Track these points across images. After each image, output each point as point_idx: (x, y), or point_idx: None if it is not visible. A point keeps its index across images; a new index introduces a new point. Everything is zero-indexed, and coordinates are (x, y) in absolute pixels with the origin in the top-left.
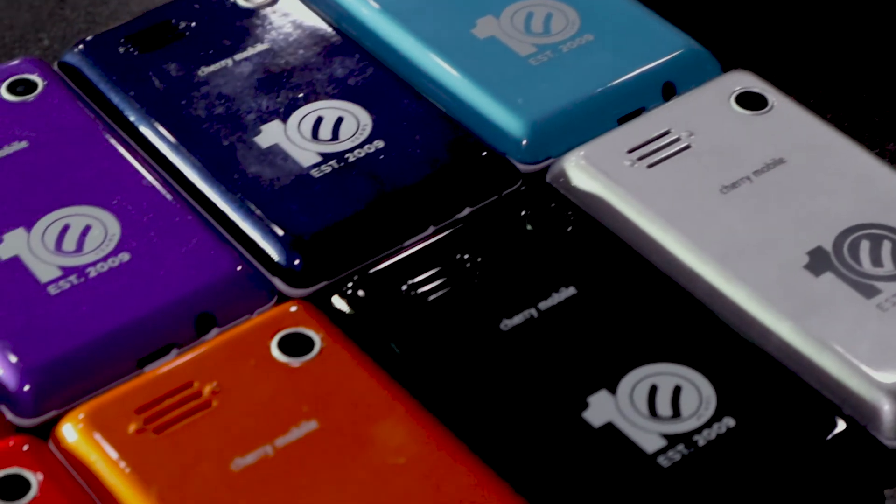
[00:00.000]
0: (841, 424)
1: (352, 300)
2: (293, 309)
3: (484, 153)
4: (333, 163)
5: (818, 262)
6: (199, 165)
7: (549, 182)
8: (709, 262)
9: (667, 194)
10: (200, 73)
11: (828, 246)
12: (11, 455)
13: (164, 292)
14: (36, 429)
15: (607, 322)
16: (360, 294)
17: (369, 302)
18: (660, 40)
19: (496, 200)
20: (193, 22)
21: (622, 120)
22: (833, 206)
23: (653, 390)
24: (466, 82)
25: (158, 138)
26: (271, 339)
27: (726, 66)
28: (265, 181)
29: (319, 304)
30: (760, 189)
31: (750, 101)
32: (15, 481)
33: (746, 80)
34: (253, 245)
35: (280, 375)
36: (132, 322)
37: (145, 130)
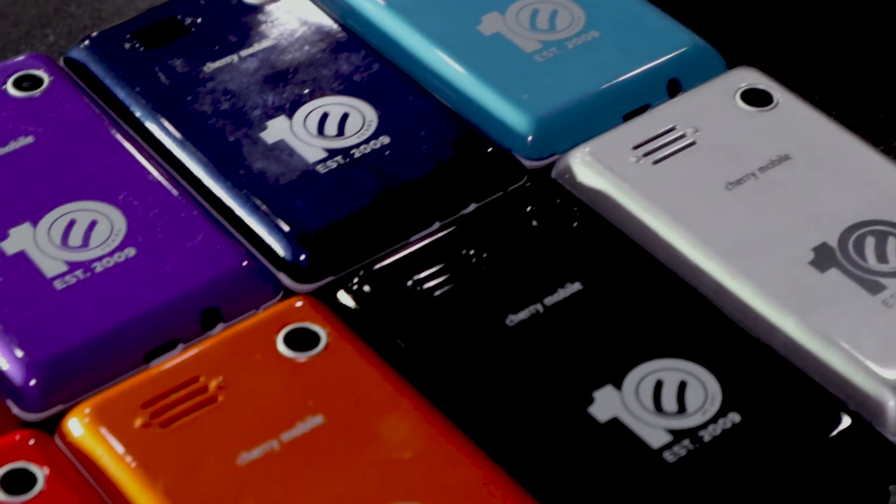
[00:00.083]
0: (846, 420)
1: (357, 295)
2: (299, 304)
3: (489, 149)
4: (339, 159)
5: (823, 259)
6: (205, 161)
7: (555, 178)
8: (714, 258)
9: (672, 191)
10: (206, 69)
11: (833, 242)
12: (18, 449)
13: (170, 287)
14: (42, 423)
15: (613, 318)
16: (366, 289)
17: (375, 297)
18: (665, 37)
19: (501, 196)
20: (199, 18)
21: (627, 116)
22: (838, 203)
23: (658, 386)
24: (472, 79)
25: (164, 134)
26: (277, 334)
27: (731, 63)
28: (271, 177)
29: (325, 300)
30: (766, 185)
31: (755, 98)
32: (21, 475)
33: (752, 77)
34: (259, 240)
35: (286, 370)
36: (138, 317)
37: (151, 126)
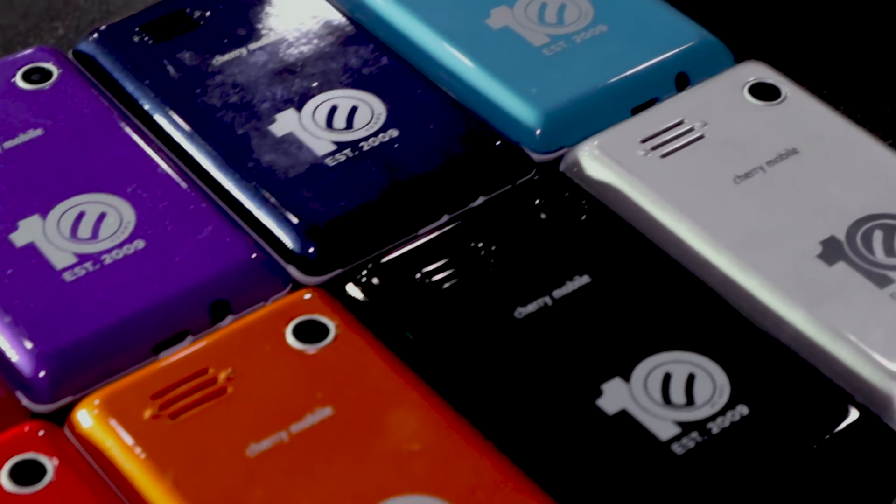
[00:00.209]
0: (854, 413)
1: (366, 288)
2: (307, 296)
3: (498, 143)
4: (348, 151)
5: (831, 252)
6: (214, 154)
7: (563, 171)
8: (722, 252)
9: (680, 184)
10: (215, 62)
11: (841, 236)
12: (27, 440)
13: (179, 279)
14: (51, 415)
15: (621, 310)
16: (375, 282)
17: (384, 290)
18: (673, 31)
19: (510, 189)
20: (208, 11)
21: (636, 110)
22: (846, 196)
23: (667, 378)
24: (480, 72)
25: (173, 127)
26: (286, 326)
27: (739, 57)
28: (280, 169)
29: (334, 292)
30: (774, 179)
31: (763, 92)
32: (31, 466)
33: (760, 71)
34: (268, 233)
35: (295, 362)
36: (147, 309)
37: (160, 119)
